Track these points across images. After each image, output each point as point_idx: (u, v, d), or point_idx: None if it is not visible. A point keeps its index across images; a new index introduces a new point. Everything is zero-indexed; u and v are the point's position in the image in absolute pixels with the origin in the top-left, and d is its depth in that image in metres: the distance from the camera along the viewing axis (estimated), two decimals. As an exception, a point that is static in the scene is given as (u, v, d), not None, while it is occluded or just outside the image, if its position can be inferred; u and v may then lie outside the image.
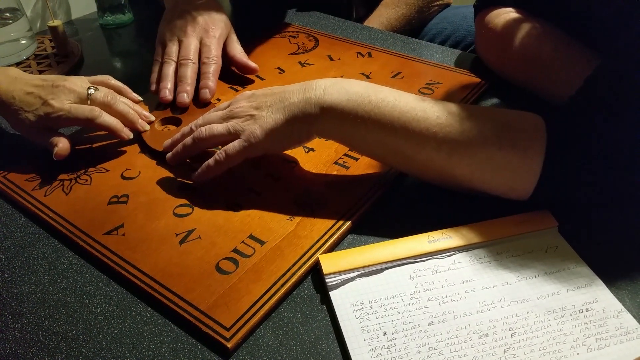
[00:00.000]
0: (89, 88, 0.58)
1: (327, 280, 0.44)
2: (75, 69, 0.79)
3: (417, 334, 0.40)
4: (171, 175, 0.56)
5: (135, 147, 0.60)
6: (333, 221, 0.50)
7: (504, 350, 0.39)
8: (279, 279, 0.45)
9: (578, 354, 0.39)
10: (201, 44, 0.69)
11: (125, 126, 0.60)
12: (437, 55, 0.78)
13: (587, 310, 0.41)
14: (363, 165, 0.56)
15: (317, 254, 0.47)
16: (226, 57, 0.72)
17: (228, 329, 0.41)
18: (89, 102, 0.58)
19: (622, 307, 0.41)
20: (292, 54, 0.78)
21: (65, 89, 0.57)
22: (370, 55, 0.77)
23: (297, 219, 0.50)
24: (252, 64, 0.72)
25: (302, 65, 0.75)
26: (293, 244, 0.48)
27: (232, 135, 0.51)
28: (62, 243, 0.50)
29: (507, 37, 0.65)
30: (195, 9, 0.71)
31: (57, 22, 0.80)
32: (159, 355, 0.41)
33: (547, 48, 0.61)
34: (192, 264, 0.46)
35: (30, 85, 0.58)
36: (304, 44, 0.81)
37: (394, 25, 0.98)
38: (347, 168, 0.56)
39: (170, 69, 0.67)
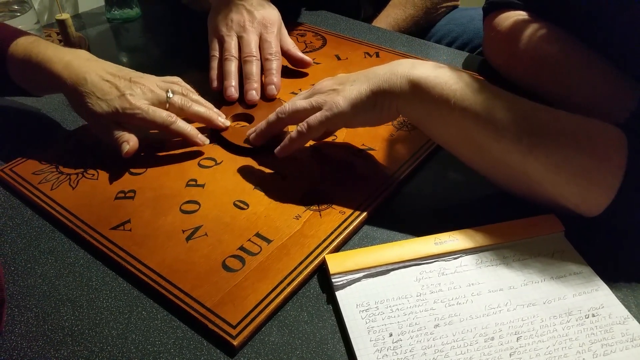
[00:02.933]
0: (167, 91, 0.58)
1: (333, 280, 0.44)
2: (82, 63, 0.79)
3: (423, 336, 0.40)
4: (178, 171, 0.56)
5: (142, 143, 0.60)
6: (340, 221, 0.50)
7: (510, 354, 0.39)
8: (285, 278, 0.45)
9: (584, 359, 0.39)
10: (261, 39, 0.69)
11: (205, 125, 0.60)
12: (445, 57, 0.78)
13: (593, 315, 0.41)
14: (370, 166, 0.56)
15: (324, 254, 0.47)
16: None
17: (234, 327, 0.41)
18: (167, 105, 0.57)
19: (629, 313, 0.41)
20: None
21: (144, 87, 0.57)
22: (377, 55, 0.77)
23: (304, 218, 0.50)
24: (307, 58, 0.73)
25: (310, 64, 0.75)
26: (299, 243, 0.48)
27: (315, 109, 0.52)
28: (68, 237, 0.50)
29: (515, 40, 0.65)
30: (250, 3, 0.70)
31: (64, 16, 0.79)
32: (165, 351, 0.41)
33: (556, 52, 0.61)
34: (198, 260, 0.46)
35: (105, 71, 0.57)
36: (311, 42, 0.81)
37: (401, 26, 0.98)
38: (355, 168, 0.56)
39: (232, 66, 0.67)
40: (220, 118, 0.61)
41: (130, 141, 0.55)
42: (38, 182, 0.55)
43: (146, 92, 0.57)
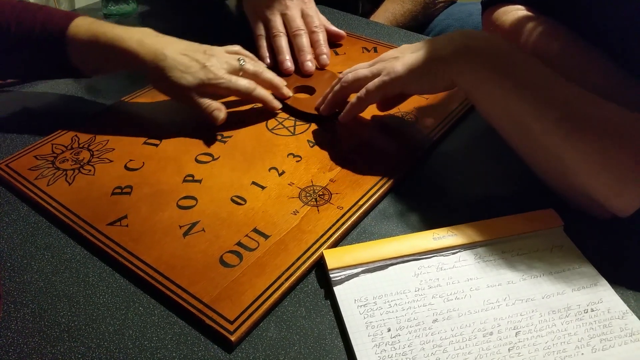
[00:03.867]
0: (240, 59, 0.61)
1: (331, 276, 0.44)
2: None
3: (422, 331, 0.40)
4: (175, 166, 0.56)
5: (139, 139, 0.60)
6: (337, 216, 0.50)
7: (508, 349, 0.39)
8: (283, 273, 0.44)
9: (582, 354, 0.39)
10: (303, 14, 0.72)
11: (273, 90, 0.63)
12: (443, 52, 0.78)
13: (592, 310, 0.41)
14: (368, 161, 0.56)
15: (322, 249, 0.46)
16: None
17: (232, 322, 0.41)
18: (241, 73, 0.61)
19: (627, 308, 0.41)
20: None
21: (220, 58, 0.60)
22: (375, 50, 0.77)
23: (302, 213, 0.50)
24: (342, 32, 0.77)
25: (308, 59, 0.75)
26: (297, 238, 0.48)
27: (375, 76, 0.54)
28: (65, 233, 0.50)
29: (514, 35, 0.64)
30: None
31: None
32: (162, 347, 0.40)
33: (554, 47, 0.60)
34: (195, 256, 0.46)
35: (180, 46, 0.59)
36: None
37: (399, 21, 0.97)
38: (352, 164, 0.56)
39: (283, 41, 0.70)
40: (285, 87, 0.65)
41: (221, 109, 0.59)
42: (34, 177, 0.55)
43: (222, 62, 0.60)
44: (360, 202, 0.51)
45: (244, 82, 0.60)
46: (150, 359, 0.40)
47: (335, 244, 0.48)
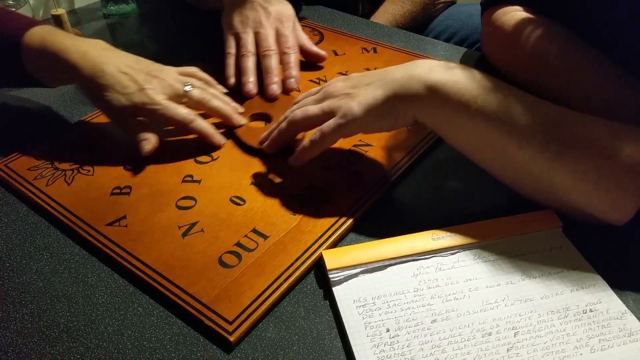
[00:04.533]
0: (185, 84, 0.57)
1: (330, 276, 0.44)
2: (78, 59, 0.79)
3: (420, 332, 0.40)
4: (174, 167, 0.56)
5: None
6: (337, 217, 0.50)
7: (507, 349, 0.39)
8: (282, 274, 0.45)
9: (581, 354, 0.39)
10: (277, 34, 0.68)
11: (222, 120, 0.59)
12: (442, 53, 0.78)
13: (591, 311, 0.41)
14: (367, 162, 0.56)
15: (321, 250, 0.46)
16: None
17: (230, 323, 0.41)
18: (185, 99, 0.56)
19: (626, 308, 0.41)
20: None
21: (163, 81, 0.56)
22: (375, 51, 0.77)
23: (301, 214, 0.50)
24: (322, 52, 0.73)
25: (307, 59, 0.75)
26: (296, 239, 0.48)
27: (328, 115, 0.50)
28: (63, 233, 0.50)
29: (513, 36, 0.64)
30: (264, 0, 0.70)
31: (60, 11, 0.79)
32: (161, 347, 0.40)
33: (554, 48, 0.60)
34: (194, 257, 0.46)
35: (124, 63, 0.55)
36: (309, 38, 0.81)
37: (399, 22, 0.98)
38: (352, 164, 0.56)
39: (250, 62, 0.66)
40: (236, 115, 0.60)
41: (150, 140, 0.55)
42: (33, 178, 0.55)
43: (165, 86, 0.56)
44: (360, 203, 0.51)
45: (181, 112, 0.55)
46: (149, 359, 0.40)
47: (334, 245, 0.48)
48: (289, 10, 0.70)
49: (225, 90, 0.63)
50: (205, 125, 0.57)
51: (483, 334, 0.40)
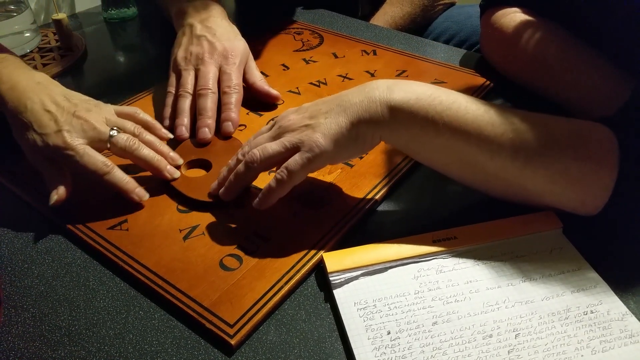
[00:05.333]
0: (112, 129, 0.52)
1: (331, 279, 0.44)
2: (78, 63, 0.79)
3: (421, 334, 0.40)
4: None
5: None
6: (337, 219, 0.50)
7: (508, 351, 0.39)
8: (283, 277, 0.45)
9: (582, 356, 0.39)
10: (220, 71, 0.63)
11: (152, 172, 0.54)
12: (442, 54, 0.78)
13: (592, 312, 0.41)
14: (367, 164, 0.56)
15: (321, 252, 0.46)
16: (246, 85, 0.67)
17: (232, 326, 0.41)
18: (108, 145, 0.52)
19: (627, 309, 0.41)
20: (296, 50, 0.78)
21: (86, 123, 0.50)
22: (375, 53, 0.77)
23: (301, 216, 0.50)
24: (274, 92, 0.66)
25: (307, 62, 0.75)
26: (297, 241, 0.48)
27: (290, 151, 0.46)
28: (65, 237, 0.50)
29: (512, 37, 0.65)
30: (212, 34, 0.65)
31: (61, 15, 0.79)
32: (162, 351, 0.40)
33: (553, 49, 0.60)
34: (195, 260, 0.46)
35: (51, 100, 0.51)
36: (308, 40, 0.81)
37: (398, 24, 0.98)
38: (352, 166, 0.56)
39: (186, 103, 0.61)
40: (168, 168, 0.53)
41: (59, 191, 0.49)
42: (35, 181, 0.55)
43: (87, 129, 0.50)
44: (360, 205, 0.51)
45: (95, 161, 0.49)
46: (150, 362, 0.40)
47: (335, 247, 0.48)
48: (239, 46, 0.66)
49: (169, 136, 0.59)
50: (122, 179, 0.51)
51: (484, 336, 0.40)
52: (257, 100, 0.67)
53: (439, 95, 0.45)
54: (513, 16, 0.66)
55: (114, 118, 0.53)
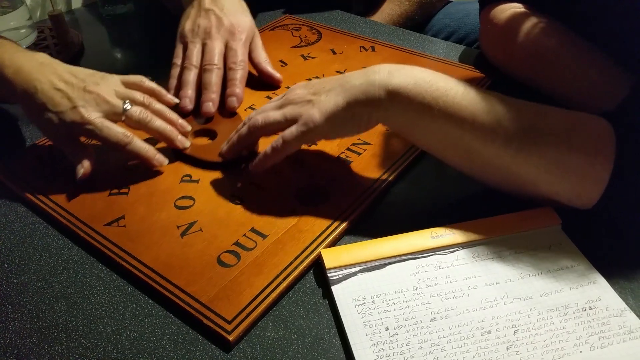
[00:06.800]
0: (125, 102, 0.53)
1: (329, 275, 0.44)
2: (75, 59, 0.79)
3: (419, 330, 0.40)
4: (173, 166, 0.56)
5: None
6: (335, 216, 0.49)
7: (507, 347, 0.39)
8: (281, 273, 0.44)
9: (581, 352, 0.38)
10: (227, 47, 0.65)
11: (164, 142, 0.56)
12: (441, 51, 0.78)
13: (590, 308, 0.41)
14: (366, 160, 0.56)
15: (319, 248, 0.46)
16: (250, 63, 0.68)
17: (229, 322, 0.41)
18: (123, 118, 0.53)
19: (626, 305, 0.41)
20: (294, 46, 0.78)
21: (98, 97, 0.52)
22: (373, 49, 0.77)
23: (299, 213, 0.50)
24: (277, 75, 0.68)
25: (305, 58, 0.75)
26: (295, 238, 0.47)
27: (289, 122, 0.49)
28: (62, 234, 0.50)
29: (512, 33, 0.64)
30: (221, 9, 0.66)
31: (57, 11, 0.79)
32: (160, 347, 0.40)
33: (553, 45, 0.60)
34: (193, 256, 0.46)
35: (58, 78, 0.52)
36: (306, 37, 0.81)
37: (396, 22, 0.97)
38: (350, 162, 0.56)
39: (191, 75, 0.63)
40: (180, 138, 0.56)
41: (83, 165, 0.51)
42: (32, 178, 0.54)
43: (100, 102, 0.51)
44: (358, 201, 0.51)
45: (115, 133, 0.51)
46: (148, 359, 0.40)
47: (333, 243, 0.48)
48: (246, 22, 0.67)
49: (175, 101, 0.60)
50: (142, 148, 0.53)
51: (482, 332, 0.40)
52: (258, 79, 0.69)
53: (438, 81, 0.46)
54: (512, 12, 0.66)
55: (122, 89, 0.55)
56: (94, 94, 0.52)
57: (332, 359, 0.39)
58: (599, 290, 0.42)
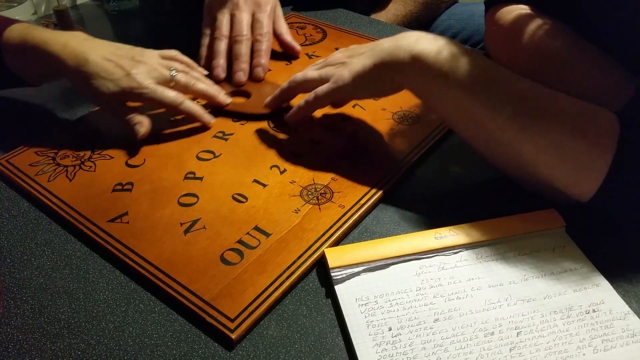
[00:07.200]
0: (171, 69, 0.58)
1: (332, 274, 0.44)
2: (79, 55, 0.78)
3: (423, 331, 0.40)
4: (176, 163, 0.56)
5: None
6: (339, 215, 0.49)
7: (510, 349, 0.39)
8: (284, 272, 0.44)
9: (584, 354, 0.38)
10: (253, 18, 0.69)
11: (208, 100, 0.61)
12: (445, 52, 0.78)
13: (594, 311, 0.41)
14: (370, 160, 0.56)
15: (323, 248, 0.46)
16: (273, 33, 0.72)
17: (232, 320, 0.41)
18: (172, 83, 0.58)
19: (629, 309, 0.41)
20: (299, 45, 0.78)
21: (147, 66, 0.57)
22: (378, 49, 0.76)
23: (303, 211, 0.50)
24: (297, 46, 0.73)
25: (310, 57, 0.75)
26: (298, 236, 0.47)
27: (324, 80, 0.55)
28: (65, 229, 0.50)
29: (518, 35, 0.64)
30: None
31: (62, 6, 0.79)
32: (162, 344, 0.40)
33: (558, 47, 0.60)
34: (196, 254, 0.46)
35: (106, 50, 0.56)
36: (311, 35, 0.80)
37: (400, 22, 0.97)
38: (354, 163, 0.56)
39: (222, 45, 0.67)
40: (222, 95, 0.62)
41: (143, 124, 0.56)
42: (35, 173, 0.54)
43: (150, 70, 0.56)
44: (362, 201, 0.51)
45: (170, 94, 0.57)
46: (150, 356, 0.39)
47: (336, 243, 0.48)
48: None
49: (205, 72, 0.64)
50: (194, 106, 0.59)
51: (485, 333, 0.40)
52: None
53: (460, 52, 0.48)
54: (518, 13, 0.65)
55: (163, 61, 0.59)
56: (142, 63, 0.57)
57: (335, 358, 0.39)
58: (602, 293, 0.42)
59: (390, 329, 0.40)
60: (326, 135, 0.60)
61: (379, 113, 0.63)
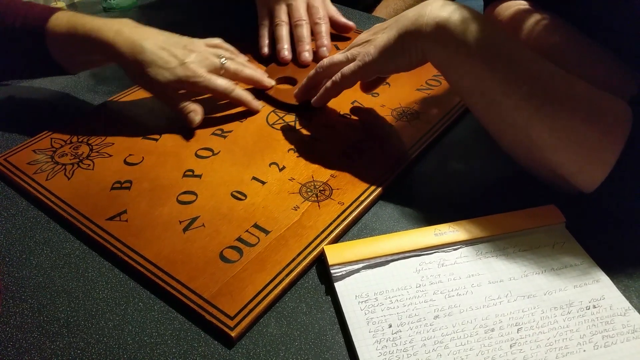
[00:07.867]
0: (221, 57, 0.60)
1: (332, 271, 0.44)
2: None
3: (423, 327, 0.40)
4: (175, 161, 0.56)
5: (138, 134, 0.59)
6: (338, 212, 0.49)
7: (510, 345, 0.39)
8: (284, 269, 0.44)
9: (584, 350, 0.38)
10: (308, 5, 0.73)
11: (254, 85, 0.64)
12: (444, 47, 0.77)
13: (594, 307, 0.41)
14: (369, 156, 0.56)
15: (322, 245, 0.46)
16: None
17: (232, 318, 0.41)
18: (222, 71, 0.60)
19: (630, 305, 0.41)
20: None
21: (199, 55, 0.58)
22: (376, 45, 0.76)
23: (302, 209, 0.50)
24: (350, 23, 0.77)
25: (308, 54, 0.75)
26: (298, 234, 0.47)
27: (350, 61, 0.54)
28: (64, 228, 0.50)
29: (517, 31, 0.64)
30: None
31: (60, 4, 0.78)
32: (162, 342, 0.40)
33: (557, 42, 0.60)
34: (195, 252, 0.46)
35: (159, 38, 0.57)
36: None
37: (400, 17, 0.97)
38: (353, 160, 0.55)
39: (284, 30, 0.71)
40: (266, 78, 0.64)
41: (198, 112, 0.58)
42: (33, 172, 0.54)
43: (202, 59, 0.58)
44: (362, 198, 0.51)
45: (222, 82, 0.59)
46: (150, 354, 0.39)
47: (336, 240, 0.48)
48: None
49: (247, 59, 0.67)
50: (244, 93, 0.61)
51: (486, 330, 0.40)
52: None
53: (484, 25, 0.47)
54: (516, 9, 0.65)
55: (212, 49, 0.61)
56: (194, 52, 0.58)
57: (335, 355, 0.39)
58: (602, 289, 0.42)
59: (390, 326, 0.40)
60: (325, 132, 0.60)
61: (378, 110, 0.63)
